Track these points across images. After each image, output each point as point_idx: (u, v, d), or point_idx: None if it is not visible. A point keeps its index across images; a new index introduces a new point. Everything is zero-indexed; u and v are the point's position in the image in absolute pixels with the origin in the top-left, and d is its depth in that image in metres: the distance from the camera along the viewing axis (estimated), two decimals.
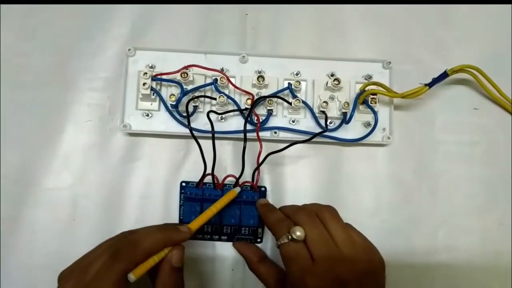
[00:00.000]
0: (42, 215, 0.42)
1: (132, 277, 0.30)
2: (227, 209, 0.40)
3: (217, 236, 0.42)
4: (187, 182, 0.42)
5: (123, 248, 0.31)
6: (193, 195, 0.40)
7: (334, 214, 0.34)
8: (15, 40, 0.45)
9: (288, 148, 0.43)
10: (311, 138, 0.40)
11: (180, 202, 0.42)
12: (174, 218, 0.42)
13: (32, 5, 0.46)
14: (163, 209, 0.42)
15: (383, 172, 0.44)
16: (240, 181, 0.41)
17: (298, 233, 0.32)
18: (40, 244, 0.41)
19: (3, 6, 0.46)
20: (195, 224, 0.35)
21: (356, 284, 0.31)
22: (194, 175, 0.42)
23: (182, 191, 0.42)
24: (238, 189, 0.39)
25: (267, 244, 0.42)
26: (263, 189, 0.42)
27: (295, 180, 0.44)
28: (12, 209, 0.42)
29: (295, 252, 0.32)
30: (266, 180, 0.43)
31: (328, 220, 0.33)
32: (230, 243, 0.42)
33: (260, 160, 0.40)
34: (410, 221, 0.44)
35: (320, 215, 0.34)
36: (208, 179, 0.40)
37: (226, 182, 0.41)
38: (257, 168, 0.40)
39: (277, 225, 0.35)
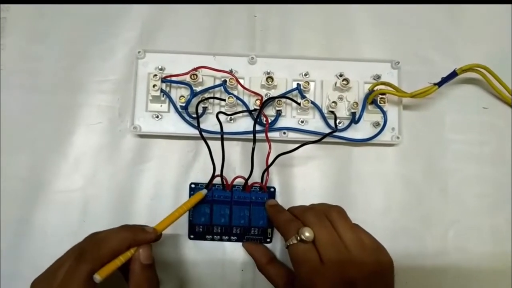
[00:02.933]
0: (52, 217, 0.42)
1: (97, 277, 0.30)
2: (236, 210, 0.40)
3: (226, 237, 0.42)
4: (196, 184, 0.42)
5: (88, 249, 0.32)
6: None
7: (342, 214, 0.34)
8: (26, 44, 0.46)
9: (297, 149, 0.43)
10: (321, 138, 0.40)
11: None
12: (184, 220, 0.42)
13: (42, 8, 0.46)
14: (173, 210, 0.42)
15: (392, 172, 0.44)
16: (249, 182, 0.41)
17: (307, 234, 0.32)
18: (50, 245, 0.42)
19: (14, 9, 0.46)
20: (161, 226, 0.35)
21: (365, 285, 0.31)
22: (203, 176, 0.43)
23: (192, 193, 0.42)
24: (205, 191, 0.40)
25: (277, 244, 0.42)
26: (272, 190, 0.42)
27: (304, 181, 0.44)
28: (23, 210, 0.42)
29: (304, 253, 0.32)
30: (275, 180, 0.44)
31: (336, 221, 0.33)
32: (240, 244, 0.42)
33: (270, 161, 0.40)
34: (420, 221, 0.43)
35: (328, 215, 0.33)
36: (217, 180, 0.41)
37: (235, 183, 0.41)
38: (266, 169, 0.40)
39: (285, 226, 0.35)
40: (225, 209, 0.40)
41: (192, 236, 0.42)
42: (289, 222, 0.35)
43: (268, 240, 0.42)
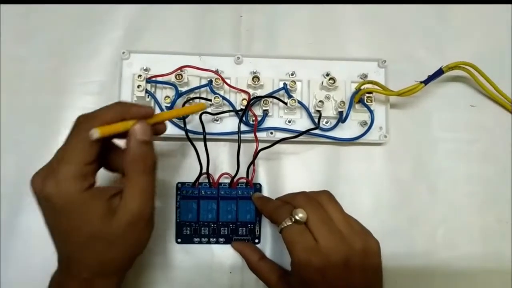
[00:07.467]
0: (39, 220, 0.41)
1: (96, 132, 0.27)
2: (223, 205, 0.41)
3: (214, 239, 0.41)
4: (182, 183, 0.42)
5: (83, 121, 0.30)
6: (189, 194, 0.41)
7: (331, 198, 0.35)
8: (9, 45, 0.45)
9: (284, 149, 0.44)
10: (300, 134, 0.40)
11: (176, 204, 0.42)
12: (171, 221, 0.42)
13: (26, 8, 0.46)
14: (160, 212, 0.41)
15: (380, 171, 0.44)
16: (236, 179, 0.41)
17: (301, 214, 0.32)
18: (37, 248, 0.41)
19: None
20: (158, 116, 0.32)
21: (357, 263, 0.32)
22: (189, 178, 0.42)
23: (178, 192, 0.42)
24: (207, 103, 0.40)
25: (266, 245, 0.42)
26: (258, 186, 0.42)
27: (292, 181, 0.43)
28: (9, 214, 0.42)
29: (299, 233, 0.32)
30: (262, 181, 0.43)
31: (326, 204, 0.34)
32: (228, 246, 0.41)
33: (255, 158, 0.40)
34: (408, 220, 0.43)
35: (318, 199, 0.34)
36: (204, 179, 0.41)
37: (221, 181, 0.42)
38: (252, 163, 0.40)
39: (277, 211, 0.35)
40: (212, 204, 0.41)
41: (179, 240, 0.41)
42: (280, 207, 0.35)
43: (257, 240, 0.42)
